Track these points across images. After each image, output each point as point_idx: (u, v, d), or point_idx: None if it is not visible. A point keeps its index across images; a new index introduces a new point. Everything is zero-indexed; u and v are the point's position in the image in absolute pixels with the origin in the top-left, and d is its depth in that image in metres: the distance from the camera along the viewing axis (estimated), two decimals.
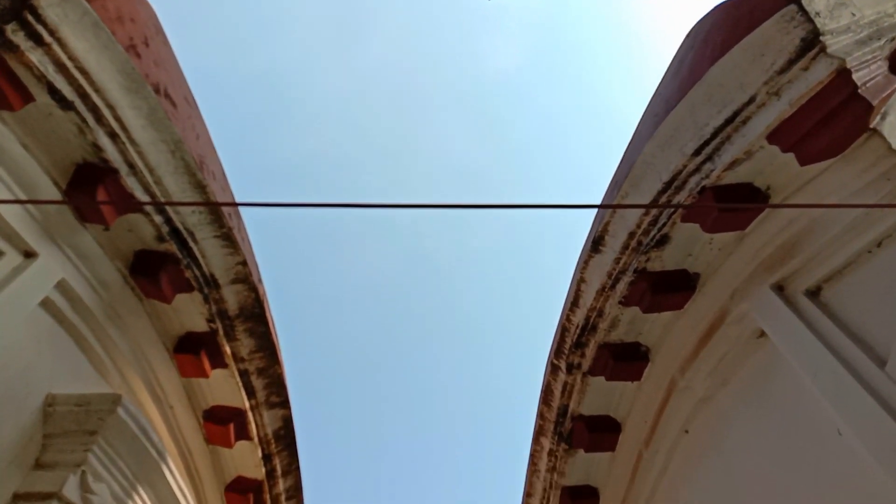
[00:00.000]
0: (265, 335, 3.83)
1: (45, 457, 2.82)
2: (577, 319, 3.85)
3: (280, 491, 4.44)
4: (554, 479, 4.49)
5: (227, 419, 3.96)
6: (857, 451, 2.33)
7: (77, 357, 3.13)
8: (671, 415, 3.71)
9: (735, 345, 3.15)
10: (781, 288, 2.82)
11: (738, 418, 3.17)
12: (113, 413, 2.90)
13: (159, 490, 3.32)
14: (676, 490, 3.73)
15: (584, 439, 4.24)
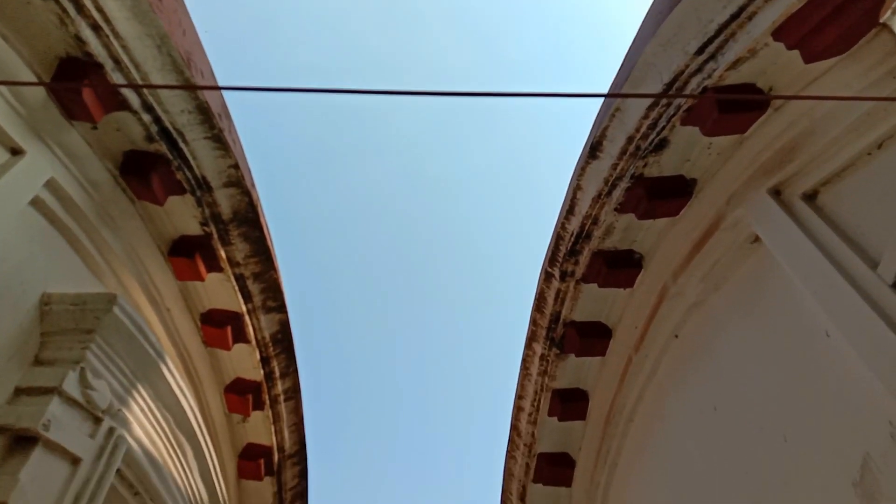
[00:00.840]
0: (260, 240, 3.82)
1: (44, 354, 2.86)
2: (572, 227, 3.85)
3: (279, 392, 4.56)
4: (545, 383, 4.60)
5: (224, 322, 4.01)
6: (844, 351, 2.36)
7: (71, 258, 3.13)
8: (662, 320, 3.76)
9: (728, 250, 3.16)
10: (778, 192, 2.80)
11: (728, 323, 3.21)
12: (109, 312, 2.93)
13: (159, 388, 3.39)
14: (664, 393, 3.83)
15: (575, 344, 4.32)
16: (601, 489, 4.57)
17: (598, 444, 4.59)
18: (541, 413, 4.73)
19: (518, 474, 5.02)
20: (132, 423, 3.21)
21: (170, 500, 3.52)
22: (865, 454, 2.24)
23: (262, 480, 4.73)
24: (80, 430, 2.85)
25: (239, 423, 4.55)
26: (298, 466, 4.91)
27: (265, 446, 4.65)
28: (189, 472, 3.84)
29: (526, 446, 4.92)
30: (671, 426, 3.74)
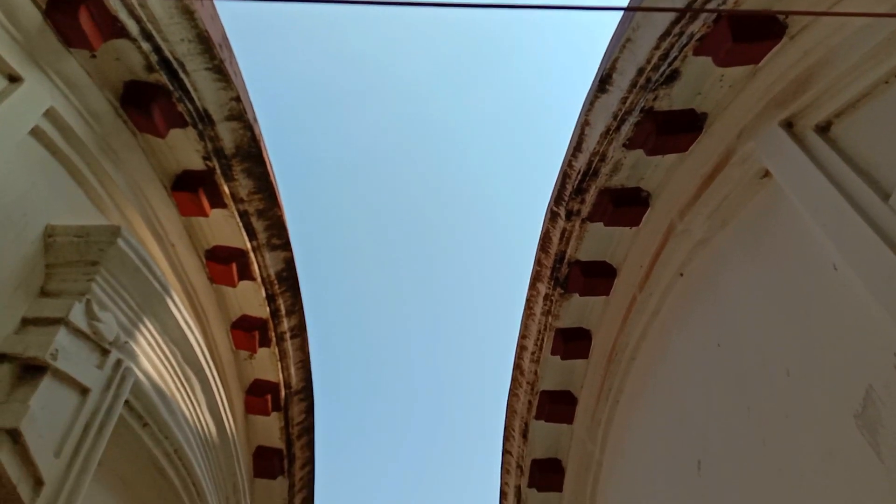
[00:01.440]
0: (263, 176, 3.79)
1: (50, 285, 2.86)
2: (579, 165, 3.81)
3: (285, 329, 4.59)
4: (549, 322, 4.63)
5: (228, 259, 4.01)
6: (850, 284, 2.35)
7: (74, 191, 3.11)
8: (667, 259, 3.75)
9: (737, 186, 3.12)
10: (790, 125, 2.74)
11: (734, 259, 3.20)
12: (113, 244, 2.92)
13: (165, 322, 3.42)
14: (668, 331, 3.84)
15: (579, 284, 4.32)
16: (602, 426, 4.63)
17: (600, 383, 4.63)
18: (544, 352, 4.77)
19: (521, 411, 5.09)
20: (139, 356, 3.24)
21: (178, 432, 3.58)
22: (868, 386, 2.25)
23: (270, 415, 4.81)
24: (87, 360, 2.88)
25: (246, 359, 4.60)
26: (305, 402, 4.98)
27: (272, 382, 4.71)
28: (197, 405, 3.90)
29: (529, 384, 4.98)
30: (674, 364, 3.76)
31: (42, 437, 2.54)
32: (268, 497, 5.07)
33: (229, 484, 4.38)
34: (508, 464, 5.36)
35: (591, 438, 4.78)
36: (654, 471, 3.92)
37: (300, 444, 5.08)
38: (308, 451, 5.14)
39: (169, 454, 3.51)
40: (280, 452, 4.97)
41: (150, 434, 3.35)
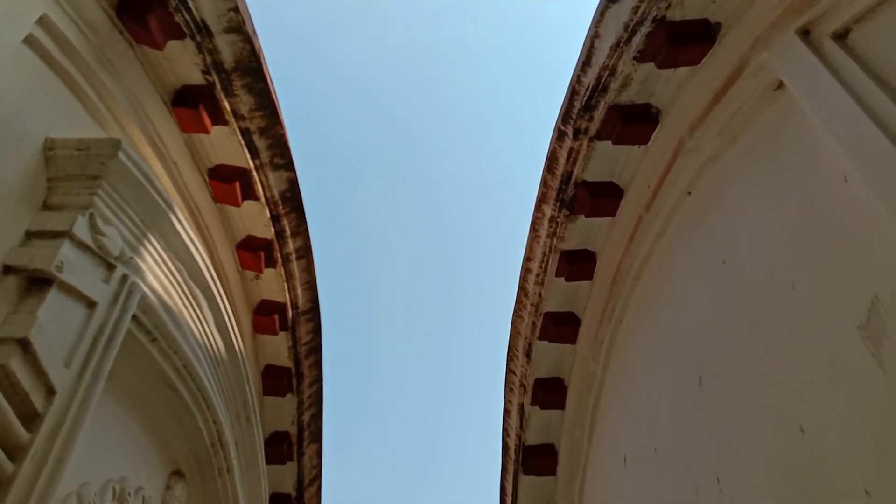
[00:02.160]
0: (264, 92, 3.72)
1: (52, 199, 2.85)
2: (588, 80, 3.72)
3: (290, 250, 4.60)
4: (553, 244, 4.62)
5: (232, 178, 3.98)
6: (861, 195, 2.31)
7: (72, 103, 3.06)
8: (675, 177, 3.70)
9: (749, 99, 3.05)
10: (807, 33, 2.65)
11: (742, 175, 3.15)
12: (114, 157, 2.89)
13: (170, 239, 3.41)
14: (673, 250, 3.83)
15: (585, 205, 4.29)
16: (605, 345, 4.69)
17: (604, 304, 4.66)
18: (548, 274, 4.78)
19: (524, 332, 5.15)
20: (145, 272, 3.25)
21: (187, 347, 3.63)
22: (874, 297, 2.24)
23: (278, 335, 4.88)
24: (93, 275, 2.89)
25: (252, 280, 4.64)
26: (312, 323, 5.04)
27: (279, 303, 4.76)
28: (205, 322, 3.94)
29: (533, 306, 5.01)
30: (678, 283, 3.77)
31: (51, 348, 2.57)
32: (277, 414, 5.20)
33: (239, 400, 4.48)
34: (512, 383, 5.46)
35: (594, 358, 4.84)
36: (655, 388, 3.98)
37: (308, 364, 5.17)
38: (316, 370, 5.23)
39: (178, 369, 3.57)
40: (288, 371, 5.06)
41: (158, 349, 3.40)
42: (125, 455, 3.43)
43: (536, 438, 5.56)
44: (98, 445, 3.12)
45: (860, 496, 2.19)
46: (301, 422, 5.26)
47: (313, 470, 5.52)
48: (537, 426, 5.48)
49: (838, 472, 2.33)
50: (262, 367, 5.06)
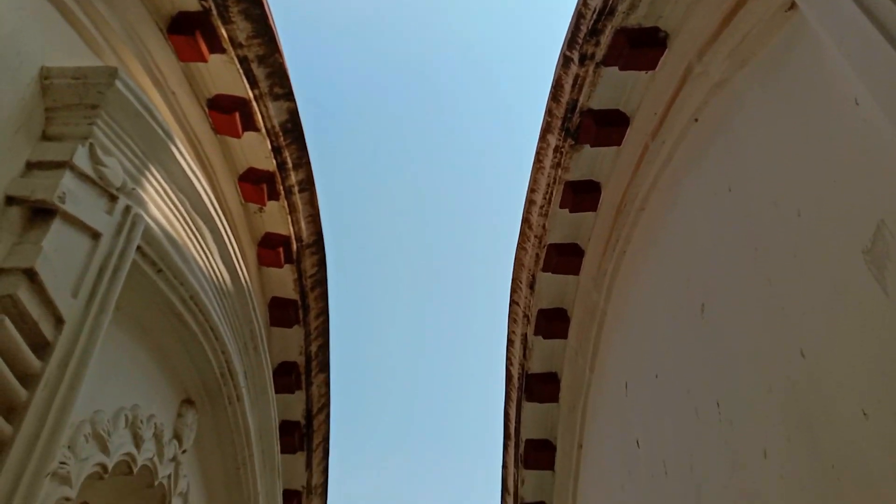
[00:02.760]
0: (262, 18, 3.63)
1: (51, 129, 2.82)
2: (595, 3, 3.61)
3: (293, 183, 4.58)
4: (558, 175, 4.59)
5: (231, 108, 3.93)
6: (871, 118, 2.27)
7: (67, 31, 2.99)
8: (682, 104, 3.64)
9: (760, 21, 2.96)
10: None
11: (751, 100, 3.09)
12: (111, 86, 2.84)
13: (171, 170, 3.39)
14: (678, 178, 3.80)
15: (591, 134, 4.23)
16: (608, 276, 4.71)
17: (608, 234, 4.66)
18: (552, 205, 4.76)
19: (528, 264, 5.17)
20: (147, 203, 3.25)
21: (193, 279, 3.65)
22: (880, 221, 2.23)
23: (283, 268, 4.91)
24: (96, 206, 2.89)
25: (255, 212, 4.63)
26: (317, 256, 5.06)
27: (283, 235, 4.77)
28: (210, 254, 3.96)
29: (536, 238, 5.01)
30: (683, 211, 3.75)
31: (57, 278, 2.59)
32: (285, 345, 5.28)
33: (246, 330, 4.54)
34: (515, 314, 5.51)
35: (597, 288, 4.87)
36: (657, 316, 4.02)
37: (314, 296, 5.22)
38: (322, 302, 5.28)
39: (185, 300, 3.60)
40: (294, 303, 5.12)
41: (164, 280, 3.42)
42: (136, 384, 3.50)
43: (539, 367, 5.65)
44: (109, 375, 3.18)
45: (858, 417, 2.23)
46: (308, 352, 5.35)
47: (322, 399, 5.65)
48: (540, 355, 5.56)
49: (837, 394, 2.36)
50: (269, 299, 5.11)
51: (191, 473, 4.19)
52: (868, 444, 2.18)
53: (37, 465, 2.33)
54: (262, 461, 4.95)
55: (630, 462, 4.35)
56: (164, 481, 3.73)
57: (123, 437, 3.23)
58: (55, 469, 2.60)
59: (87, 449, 2.90)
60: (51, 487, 2.59)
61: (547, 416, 5.92)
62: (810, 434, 2.48)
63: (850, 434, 2.27)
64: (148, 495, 3.74)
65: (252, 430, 4.67)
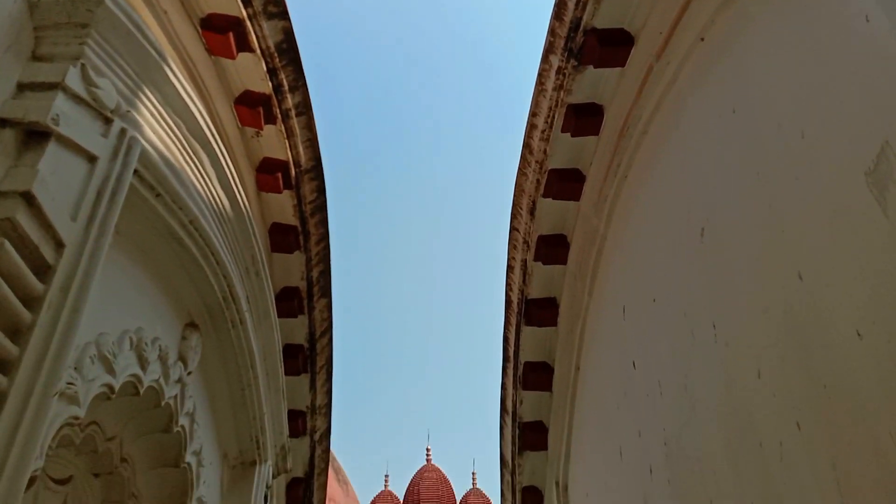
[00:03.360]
0: None
1: (41, 49, 2.75)
2: None
3: (290, 106, 4.51)
4: (560, 98, 4.51)
5: (225, 28, 3.83)
6: (881, 35, 2.21)
7: None
8: (688, 22, 3.54)
9: None
10: None
11: (758, 19, 3.00)
12: (101, 4, 2.76)
13: (165, 92, 3.33)
14: (682, 100, 3.73)
15: (594, 54, 4.14)
16: (609, 201, 4.70)
17: (610, 159, 4.62)
18: (554, 129, 4.71)
19: (528, 190, 5.15)
20: (143, 126, 3.20)
21: (192, 203, 3.64)
22: (884, 142, 2.20)
23: (282, 193, 4.89)
24: (90, 128, 2.85)
25: (253, 137, 4.58)
26: (316, 182, 5.04)
27: (281, 161, 4.73)
28: (208, 179, 3.93)
29: (537, 163, 4.97)
30: (685, 135, 3.70)
31: (55, 202, 2.57)
32: (286, 270, 5.32)
33: (247, 255, 4.56)
34: (515, 240, 5.53)
35: (597, 214, 4.87)
36: (656, 241, 4.03)
37: (314, 222, 5.23)
38: (322, 228, 5.29)
39: (185, 224, 3.60)
40: (295, 229, 5.12)
41: (163, 204, 3.41)
42: (139, 308, 3.54)
43: (538, 292, 5.71)
44: (112, 299, 3.21)
45: (852, 338, 2.26)
46: (310, 277, 5.39)
47: (324, 323, 5.73)
48: (539, 281, 5.61)
49: (833, 316, 2.39)
50: (269, 225, 5.12)
51: (197, 394, 4.30)
52: (860, 364, 2.22)
53: (44, 386, 2.38)
54: (266, 382, 5.06)
55: (626, 383, 4.45)
56: (171, 402, 3.83)
57: (129, 359, 3.29)
58: (63, 389, 2.66)
59: (93, 370, 2.96)
60: (59, 407, 2.66)
61: (545, 340, 6.03)
62: (804, 354, 2.52)
63: (843, 354, 2.30)
64: (155, 416, 3.84)
65: (256, 353, 4.76)
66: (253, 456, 5.05)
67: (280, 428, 5.49)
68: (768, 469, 2.70)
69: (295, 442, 6.08)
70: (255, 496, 4.96)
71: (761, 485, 2.76)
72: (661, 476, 3.80)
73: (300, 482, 6.47)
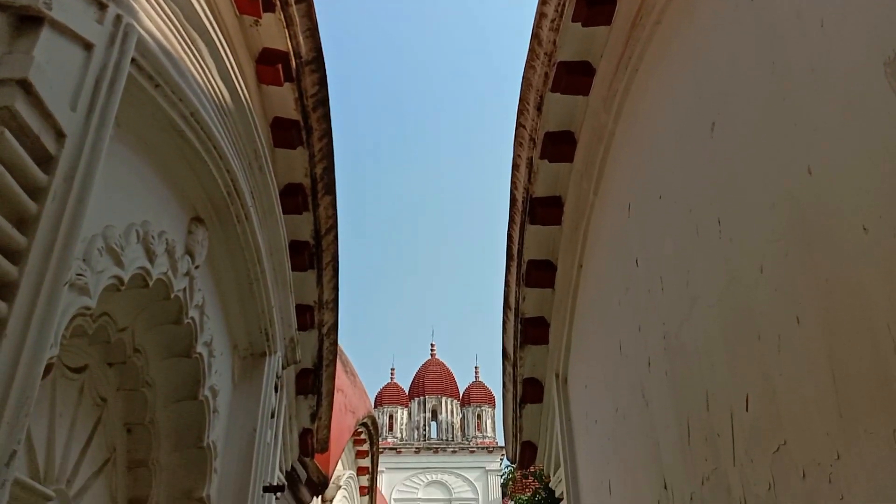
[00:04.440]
0: None
1: None
2: None
3: None
4: None
5: None
6: None
7: None
8: None
9: None
10: None
11: None
12: None
13: None
14: None
15: None
16: (618, 96, 4.59)
17: (621, 51, 4.47)
18: (564, 19, 4.53)
19: (536, 84, 5.02)
20: (139, 13, 3.10)
21: (192, 95, 3.58)
22: None
23: (283, 86, 4.78)
24: (85, 14, 2.76)
25: (251, 26, 4.43)
26: (317, 74, 4.91)
27: (281, 51, 4.59)
28: (207, 70, 3.84)
29: (546, 55, 4.83)
30: (700, 24, 3.55)
31: (53, 91, 2.53)
32: (289, 166, 5.29)
33: (250, 150, 4.52)
34: (521, 137, 5.45)
35: (606, 109, 4.77)
36: (665, 137, 3.96)
37: (316, 117, 5.14)
38: (324, 124, 5.21)
39: (185, 116, 3.55)
40: (297, 123, 5.05)
41: (163, 95, 3.35)
42: (144, 201, 3.55)
43: (544, 191, 5.69)
44: (116, 191, 3.21)
45: (858, 232, 2.26)
46: (314, 174, 5.36)
47: (329, 220, 5.75)
48: (545, 179, 5.58)
49: (840, 210, 2.37)
50: (271, 119, 5.04)
51: (205, 288, 4.37)
52: (864, 257, 2.22)
53: (54, 275, 2.41)
54: (273, 277, 5.15)
55: (628, 280, 4.50)
56: (180, 294, 3.90)
57: (136, 252, 3.33)
58: (73, 280, 2.71)
59: (101, 262, 3.00)
60: (70, 297, 2.71)
61: (549, 239, 6.05)
62: (808, 249, 2.52)
63: (847, 249, 2.31)
64: (165, 307, 3.93)
65: (262, 248, 4.81)
66: (263, 347, 5.20)
67: (289, 321, 5.62)
68: (765, 361, 2.77)
69: (304, 335, 6.24)
70: (266, 385, 5.14)
71: (757, 376, 2.84)
72: (659, 368, 3.90)
73: (309, 373, 6.69)
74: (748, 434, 2.94)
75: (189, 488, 4.39)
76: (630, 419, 4.53)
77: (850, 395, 2.29)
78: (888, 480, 2.06)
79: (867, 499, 2.18)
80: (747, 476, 2.93)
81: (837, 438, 2.34)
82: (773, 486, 2.74)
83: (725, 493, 3.12)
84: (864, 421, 2.22)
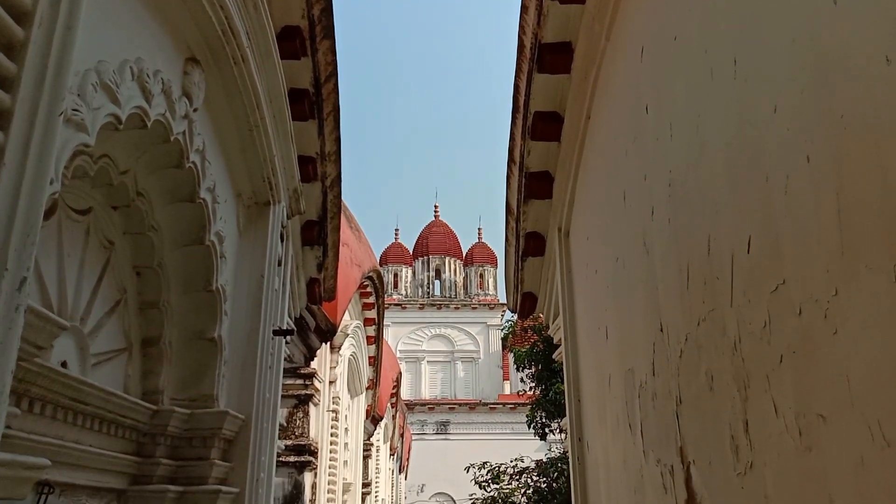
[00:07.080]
0: None
1: None
2: None
3: None
4: None
5: None
6: None
7: None
8: None
9: None
10: None
11: None
12: None
13: None
14: None
15: None
16: None
17: None
18: None
19: None
20: None
21: None
22: None
23: None
24: None
25: None
26: None
27: None
28: None
29: None
30: None
31: None
32: (285, 7, 5.07)
33: None
34: None
35: None
36: None
37: None
38: None
39: None
40: None
41: None
42: (137, 38, 3.41)
43: (553, 36, 5.46)
44: (107, 24, 3.08)
45: (880, 63, 2.16)
46: (311, 16, 5.13)
47: (328, 66, 5.57)
48: (555, 22, 5.33)
49: (863, 41, 2.26)
50: None
51: (205, 133, 4.31)
52: (884, 90, 2.14)
53: (48, 104, 2.36)
54: (274, 125, 5.07)
55: (636, 128, 4.41)
56: (180, 138, 3.85)
57: (132, 90, 3.24)
58: (69, 114, 2.65)
59: (97, 98, 2.93)
60: (67, 133, 2.66)
61: (557, 88, 5.89)
62: (825, 85, 2.43)
63: (867, 81, 2.21)
64: (166, 151, 3.89)
65: (261, 94, 4.69)
66: (266, 196, 5.21)
67: (291, 171, 5.60)
68: (770, 201, 2.75)
69: (307, 187, 6.24)
70: (272, 234, 5.21)
71: (761, 217, 2.84)
72: (662, 215, 3.91)
73: (314, 224, 6.75)
74: (747, 276, 2.97)
75: (200, 329, 4.55)
76: (630, 267, 4.60)
77: (855, 232, 2.29)
78: (881, 311, 2.10)
79: (860, 330, 2.23)
80: (743, 316, 3.00)
81: (837, 275, 2.37)
82: (768, 324, 2.80)
83: (720, 333, 3.21)
84: (866, 257, 2.22)
